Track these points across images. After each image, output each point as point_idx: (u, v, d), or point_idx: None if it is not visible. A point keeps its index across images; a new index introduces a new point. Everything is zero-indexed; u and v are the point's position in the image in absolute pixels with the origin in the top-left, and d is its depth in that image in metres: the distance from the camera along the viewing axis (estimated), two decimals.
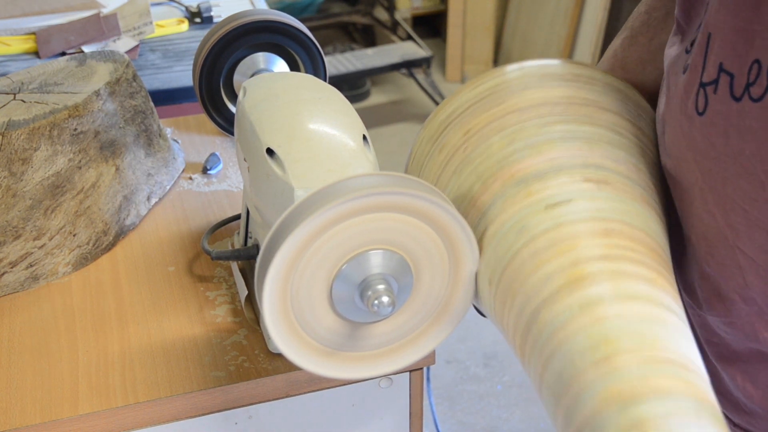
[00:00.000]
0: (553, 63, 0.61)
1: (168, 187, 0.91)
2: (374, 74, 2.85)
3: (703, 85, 0.50)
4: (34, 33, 1.41)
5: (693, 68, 0.51)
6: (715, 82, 0.49)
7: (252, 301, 0.73)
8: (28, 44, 1.37)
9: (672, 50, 0.57)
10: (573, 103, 0.57)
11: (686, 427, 0.40)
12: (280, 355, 0.69)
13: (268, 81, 0.69)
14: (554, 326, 0.47)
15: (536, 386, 0.48)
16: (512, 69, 0.61)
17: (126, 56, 0.88)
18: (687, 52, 0.53)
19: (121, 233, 0.84)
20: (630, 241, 0.50)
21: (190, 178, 0.94)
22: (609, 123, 0.57)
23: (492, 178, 0.55)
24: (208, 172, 0.95)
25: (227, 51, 0.83)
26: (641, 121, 0.60)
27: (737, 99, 0.47)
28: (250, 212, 0.70)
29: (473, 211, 0.55)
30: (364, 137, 0.62)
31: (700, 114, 0.50)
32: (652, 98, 0.65)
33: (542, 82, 0.59)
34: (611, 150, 0.55)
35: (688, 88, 0.51)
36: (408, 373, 0.73)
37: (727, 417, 0.63)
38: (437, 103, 2.86)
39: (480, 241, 0.54)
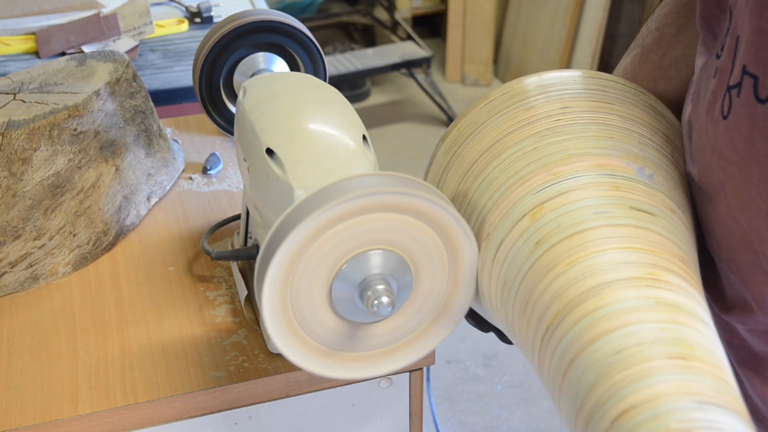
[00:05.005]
0: (650, 95, 0.63)
1: (168, 187, 0.91)
2: (374, 74, 2.85)
3: (729, 88, 0.49)
4: (34, 33, 1.41)
5: (722, 71, 0.50)
6: (739, 85, 0.48)
7: (252, 301, 0.73)
8: (28, 44, 1.37)
9: (700, 59, 0.56)
10: (665, 140, 0.59)
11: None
12: (280, 355, 0.69)
13: (268, 81, 0.69)
14: (623, 307, 0.45)
15: (564, 356, 0.46)
16: (618, 79, 0.62)
17: (126, 56, 0.88)
18: (717, 57, 0.52)
19: (121, 233, 0.84)
20: (697, 276, 0.50)
21: (190, 178, 0.94)
22: (683, 170, 0.58)
23: (579, 157, 0.54)
24: (208, 172, 0.95)
25: (227, 51, 0.83)
26: (673, 132, 0.61)
27: (762, 101, 0.47)
28: (250, 212, 0.70)
29: (544, 174, 0.54)
30: (364, 137, 0.62)
31: (725, 118, 0.50)
32: None
33: (647, 108, 0.60)
34: (683, 198, 0.56)
35: (717, 92, 0.51)
36: (408, 373, 0.73)
37: None
38: (437, 103, 2.86)
39: (542, 203, 0.52)
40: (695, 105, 0.55)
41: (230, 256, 0.71)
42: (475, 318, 0.70)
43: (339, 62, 2.72)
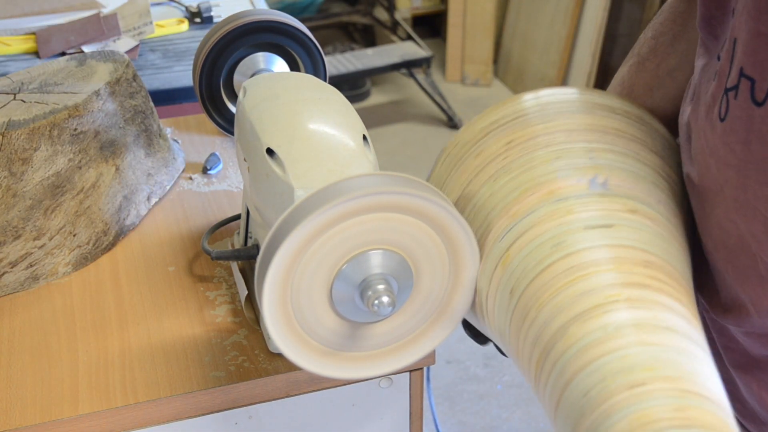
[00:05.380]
0: (606, 95, 0.62)
1: (168, 187, 0.91)
2: (374, 74, 2.85)
3: (726, 90, 0.49)
4: (34, 33, 1.41)
5: (720, 74, 0.50)
6: (736, 87, 0.48)
7: (252, 301, 0.73)
8: (28, 44, 1.37)
9: (700, 60, 0.56)
10: (622, 137, 0.57)
11: None
12: (280, 355, 0.69)
13: (268, 81, 0.69)
14: (586, 343, 0.46)
15: (550, 401, 0.48)
16: (565, 92, 0.61)
17: (126, 56, 0.87)
18: (718, 59, 0.52)
19: (121, 233, 0.84)
20: (667, 276, 0.50)
21: (190, 178, 0.94)
22: (654, 164, 0.57)
23: (531, 190, 0.54)
24: (208, 172, 0.95)
25: (227, 51, 0.83)
26: (678, 168, 0.60)
27: (759, 104, 0.46)
28: (250, 212, 0.70)
29: (504, 219, 0.54)
30: (364, 137, 0.62)
31: (722, 120, 0.50)
32: (662, 123, 0.65)
33: (594, 110, 0.59)
34: (654, 190, 0.55)
35: (715, 95, 0.51)
36: (408, 373, 0.73)
37: (742, 425, 0.63)
38: (437, 104, 2.86)
39: (507, 250, 0.53)
40: (695, 107, 0.55)
41: (230, 256, 0.71)
42: (471, 330, 0.70)
43: (339, 62, 2.72)
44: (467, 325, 0.70)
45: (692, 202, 0.57)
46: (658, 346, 0.45)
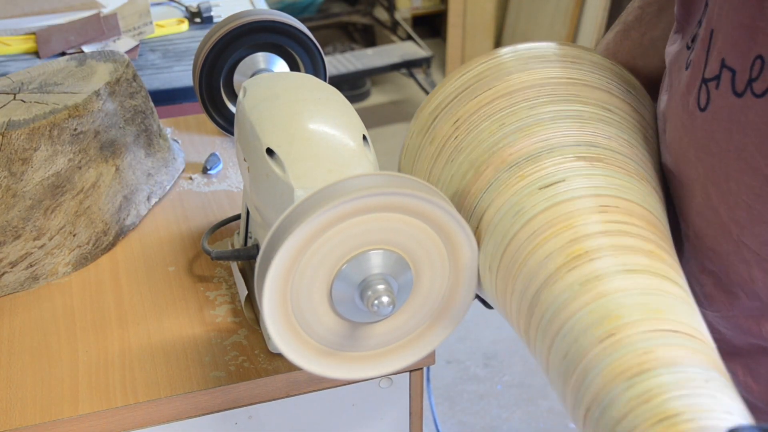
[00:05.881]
0: (539, 45, 0.61)
1: (168, 187, 0.91)
2: (374, 74, 2.85)
3: (705, 81, 0.50)
4: (34, 33, 1.41)
5: (695, 64, 0.51)
6: (717, 77, 0.49)
7: (252, 301, 0.73)
8: (28, 44, 1.37)
9: (673, 47, 0.57)
10: (560, 83, 0.58)
11: (696, 396, 0.40)
12: (280, 355, 0.69)
13: (268, 81, 0.69)
14: (556, 306, 0.46)
15: (544, 369, 0.48)
16: (497, 54, 0.61)
17: (126, 56, 0.87)
18: (688, 48, 0.53)
19: (121, 233, 0.84)
20: (627, 215, 0.50)
21: (190, 178, 0.94)
22: (598, 100, 0.57)
23: (484, 164, 0.55)
24: (208, 172, 0.95)
25: (227, 51, 0.83)
26: (630, 97, 0.60)
27: (739, 95, 0.47)
28: (250, 212, 0.70)
29: (469, 200, 0.55)
30: (364, 137, 0.62)
31: (702, 110, 0.50)
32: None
33: (528, 65, 0.59)
34: (602, 127, 0.55)
35: (690, 84, 0.51)
36: (408, 373, 0.73)
37: None
38: None
39: (477, 229, 0.54)
40: (669, 96, 0.56)
41: (230, 256, 0.71)
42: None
43: (339, 62, 2.72)
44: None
45: (672, 191, 0.58)
46: (623, 291, 0.45)
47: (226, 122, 0.88)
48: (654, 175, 0.56)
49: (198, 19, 1.47)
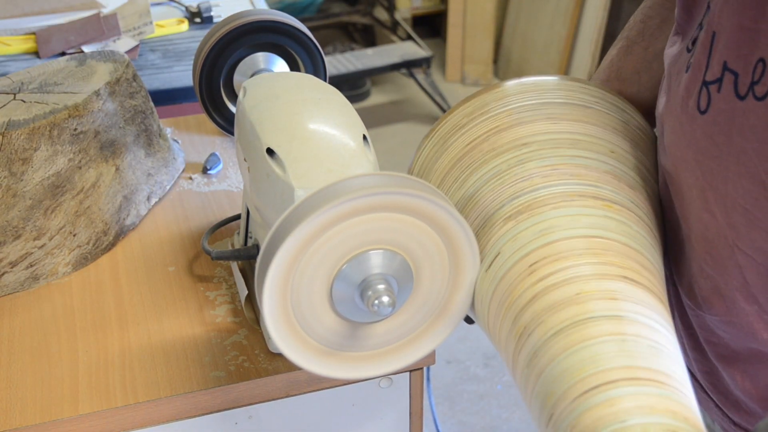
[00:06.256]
0: (541, 82, 0.63)
1: (168, 187, 0.91)
2: (374, 74, 2.85)
3: (706, 83, 0.50)
4: (34, 33, 1.41)
5: (696, 67, 0.51)
6: (719, 80, 0.49)
7: (252, 301, 0.73)
8: (28, 44, 1.37)
9: (672, 49, 0.57)
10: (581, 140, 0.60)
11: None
12: (280, 355, 0.69)
13: (268, 81, 0.69)
14: (530, 355, 0.49)
15: (527, 403, 0.51)
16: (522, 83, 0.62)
17: (126, 56, 0.87)
18: (688, 50, 0.53)
19: (121, 233, 0.84)
20: (617, 255, 0.51)
21: (190, 178, 0.94)
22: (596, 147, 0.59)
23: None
24: (208, 172, 0.95)
25: (227, 51, 0.83)
26: (640, 148, 0.62)
27: (741, 98, 0.47)
28: (250, 212, 0.70)
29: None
30: (364, 137, 0.62)
31: (702, 113, 0.50)
32: (647, 108, 0.65)
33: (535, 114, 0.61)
34: (613, 180, 0.57)
35: (690, 87, 0.51)
36: (408, 373, 0.72)
37: (727, 416, 0.63)
38: (437, 103, 2.86)
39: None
40: (668, 99, 0.56)
41: (230, 256, 0.71)
42: None
43: (339, 62, 2.72)
44: None
45: (671, 194, 0.58)
46: (588, 341, 0.47)
47: (226, 122, 0.88)
48: (656, 225, 0.58)
49: (198, 19, 1.47)
